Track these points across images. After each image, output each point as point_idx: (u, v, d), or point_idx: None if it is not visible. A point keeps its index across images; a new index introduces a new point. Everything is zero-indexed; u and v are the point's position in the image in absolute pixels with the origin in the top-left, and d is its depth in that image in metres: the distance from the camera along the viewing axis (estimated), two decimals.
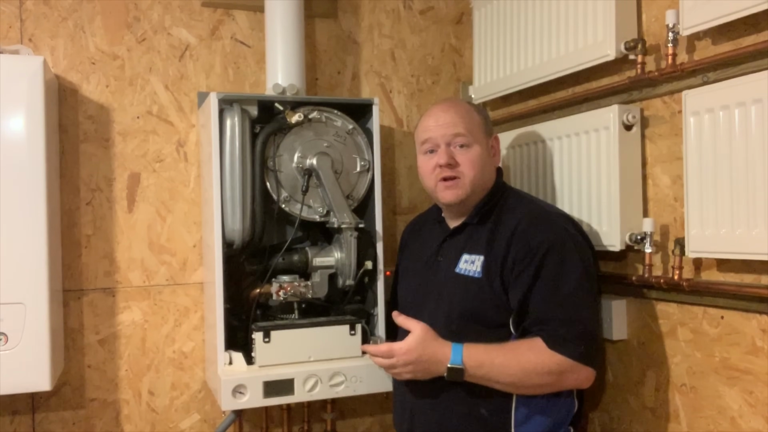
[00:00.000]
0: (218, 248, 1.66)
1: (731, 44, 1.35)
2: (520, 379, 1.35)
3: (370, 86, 2.14)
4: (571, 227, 1.44)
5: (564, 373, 1.34)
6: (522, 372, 1.34)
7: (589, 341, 1.35)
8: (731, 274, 1.36)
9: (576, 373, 1.35)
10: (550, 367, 1.32)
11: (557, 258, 1.36)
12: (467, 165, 1.45)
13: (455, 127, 1.46)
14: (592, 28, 1.59)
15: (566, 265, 1.36)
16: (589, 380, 1.38)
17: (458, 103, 1.55)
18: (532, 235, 1.38)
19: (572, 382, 1.37)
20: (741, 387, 1.34)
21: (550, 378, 1.34)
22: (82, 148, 1.85)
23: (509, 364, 1.35)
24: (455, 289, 1.45)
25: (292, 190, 1.74)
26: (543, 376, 1.33)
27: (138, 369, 1.89)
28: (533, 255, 1.36)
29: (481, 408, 1.40)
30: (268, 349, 1.66)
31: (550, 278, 1.36)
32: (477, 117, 1.49)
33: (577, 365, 1.33)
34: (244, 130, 1.68)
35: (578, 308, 1.36)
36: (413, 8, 2.19)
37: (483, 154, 1.47)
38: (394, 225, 2.15)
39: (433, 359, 1.39)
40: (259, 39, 1.99)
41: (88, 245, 1.85)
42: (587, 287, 1.38)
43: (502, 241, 1.41)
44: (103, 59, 1.87)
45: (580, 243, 1.41)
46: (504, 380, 1.36)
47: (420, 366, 1.41)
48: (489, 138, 1.51)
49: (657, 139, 1.53)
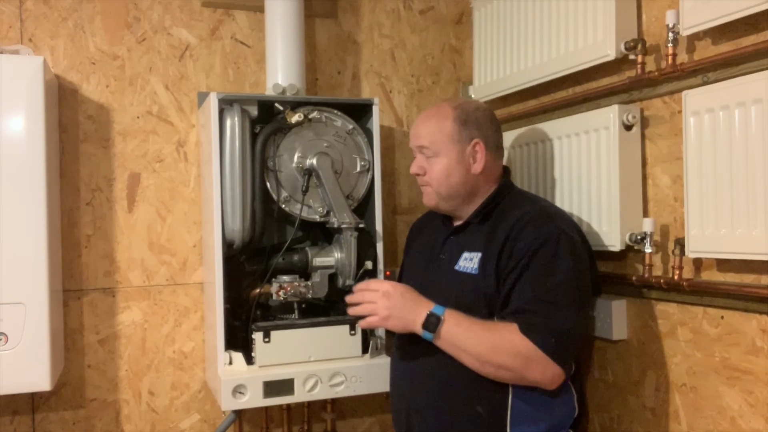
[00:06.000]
0: (218, 248, 1.66)
1: (731, 44, 1.35)
2: (488, 352, 1.34)
3: (370, 86, 2.14)
4: (568, 227, 1.43)
5: (530, 361, 1.31)
6: (491, 345, 1.33)
7: (563, 339, 1.32)
8: (731, 274, 1.36)
9: (542, 366, 1.31)
10: (518, 349, 1.31)
11: (548, 254, 1.36)
12: (431, 175, 1.50)
13: (419, 139, 1.51)
14: (592, 28, 1.59)
15: (556, 262, 1.35)
16: (554, 380, 1.34)
17: (433, 112, 1.53)
18: (528, 232, 1.38)
19: (536, 375, 1.33)
20: (741, 387, 1.34)
21: (515, 361, 1.32)
22: (82, 148, 1.85)
23: (483, 334, 1.35)
24: (453, 286, 1.46)
25: (292, 190, 1.74)
26: (509, 356, 1.32)
27: (138, 369, 1.89)
28: (526, 250, 1.36)
29: (477, 406, 1.39)
30: (268, 349, 1.66)
31: (537, 272, 1.35)
32: (449, 126, 1.48)
33: (545, 358, 1.31)
34: (244, 130, 1.68)
35: (559, 305, 1.34)
36: (413, 8, 2.19)
37: (449, 164, 1.48)
38: (394, 225, 2.15)
39: (415, 303, 1.40)
40: (259, 39, 1.99)
41: (88, 245, 1.85)
42: (574, 286, 1.36)
43: (500, 239, 1.41)
44: (103, 59, 1.87)
45: (575, 243, 1.40)
46: (473, 349, 1.35)
47: (399, 305, 1.40)
48: (466, 144, 1.48)
49: (657, 139, 1.53)
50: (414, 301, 1.41)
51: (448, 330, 1.36)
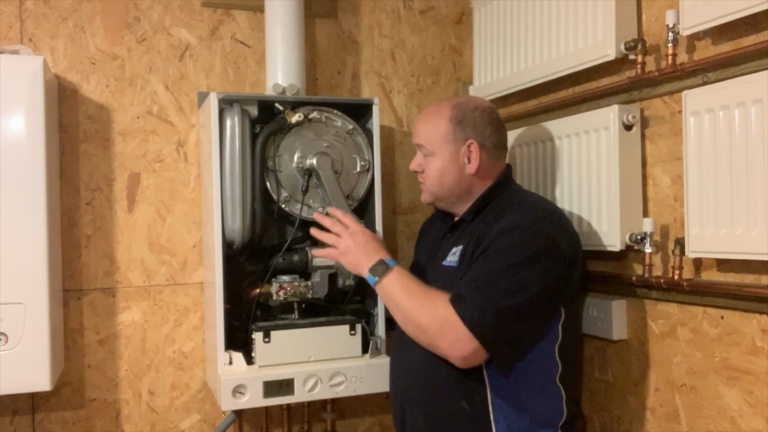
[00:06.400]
0: (218, 248, 1.66)
1: (731, 44, 1.35)
2: (413, 310, 1.36)
3: (370, 86, 2.14)
4: (549, 223, 1.39)
5: (445, 328, 1.30)
6: (419, 305, 1.35)
7: (488, 318, 1.28)
8: (731, 274, 1.36)
9: (455, 337, 1.29)
10: (439, 314, 1.31)
11: (509, 241, 1.35)
12: (427, 174, 1.53)
13: (417, 138, 1.54)
14: (592, 28, 1.59)
15: (512, 250, 1.33)
16: (465, 357, 1.30)
17: (432, 111, 1.54)
18: (501, 221, 1.39)
19: (447, 344, 1.31)
20: (741, 387, 1.34)
21: (432, 325, 1.32)
22: (82, 148, 1.85)
23: (417, 295, 1.37)
24: (440, 281, 1.46)
25: (292, 190, 1.74)
26: (429, 318, 1.33)
27: (138, 369, 1.89)
28: (493, 237, 1.36)
29: (462, 401, 1.39)
30: (268, 349, 1.66)
31: (491, 256, 1.35)
32: (444, 126, 1.48)
33: (462, 330, 1.28)
34: (244, 130, 1.68)
35: (497, 287, 1.30)
36: (413, 8, 2.19)
37: (443, 164, 1.49)
38: (394, 225, 2.15)
39: (374, 251, 1.46)
40: (259, 39, 1.99)
41: (88, 245, 1.85)
42: (527, 273, 1.31)
43: (478, 229, 1.42)
44: (103, 59, 1.87)
45: (548, 237, 1.35)
46: (402, 304, 1.38)
47: (360, 247, 1.47)
48: (460, 144, 1.48)
49: (657, 139, 1.53)
50: (374, 249, 1.47)
51: (390, 281, 1.41)
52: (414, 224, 2.16)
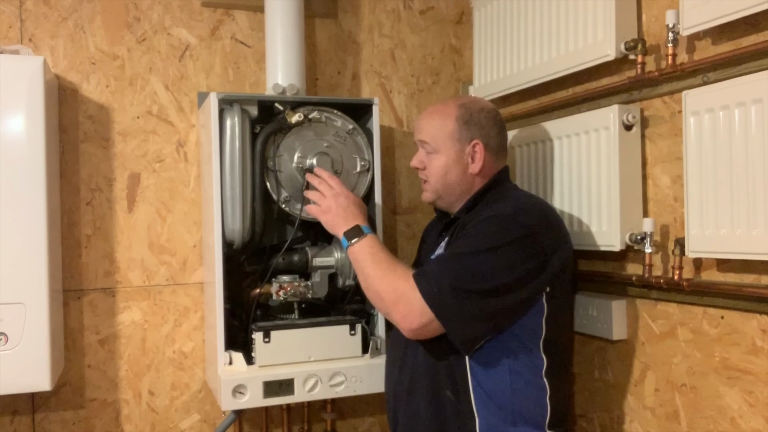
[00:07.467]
0: (218, 248, 1.66)
1: (731, 44, 1.35)
2: (375, 278, 1.41)
3: (370, 86, 2.14)
4: (532, 218, 1.39)
5: (401, 299, 1.35)
6: (382, 275, 1.40)
7: (447, 295, 1.31)
8: (731, 274, 1.36)
9: (408, 307, 1.34)
10: (397, 285, 1.36)
11: (482, 229, 1.37)
12: (430, 171, 1.53)
13: (421, 134, 1.54)
14: (592, 28, 1.59)
15: (491, 234, 1.35)
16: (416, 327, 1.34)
17: (438, 108, 1.54)
18: (488, 210, 1.42)
19: (399, 313, 1.35)
20: (741, 387, 1.34)
21: (389, 295, 1.37)
22: (82, 148, 1.85)
23: (383, 265, 1.41)
24: None
25: (292, 190, 1.74)
26: (388, 289, 1.38)
27: (138, 369, 1.89)
28: (470, 227, 1.39)
29: (447, 390, 1.41)
30: (268, 349, 1.66)
31: (467, 237, 1.38)
32: (451, 125, 1.49)
33: (417, 300, 1.32)
34: (244, 130, 1.68)
35: (464, 267, 1.33)
36: (413, 8, 2.19)
37: (447, 162, 1.50)
38: (394, 225, 2.15)
39: (353, 215, 1.52)
40: (259, 39, 1.99)
41: (88, 245, 1.85)
42: (496, 260, 1.33)
43: (466, 221, 1.44)
44: (103, 59, 1.87)
45: (527, 231, 1.36)
46: (367, 271, 1.43)
47: (341, 210, 1.52)
48: (466, 144, 1.49)
49: (657, 139, 1.53)
50: (353, 214, 1.52)
51: (361, 246, 1.46)
52: (414, 224, 2.16)
